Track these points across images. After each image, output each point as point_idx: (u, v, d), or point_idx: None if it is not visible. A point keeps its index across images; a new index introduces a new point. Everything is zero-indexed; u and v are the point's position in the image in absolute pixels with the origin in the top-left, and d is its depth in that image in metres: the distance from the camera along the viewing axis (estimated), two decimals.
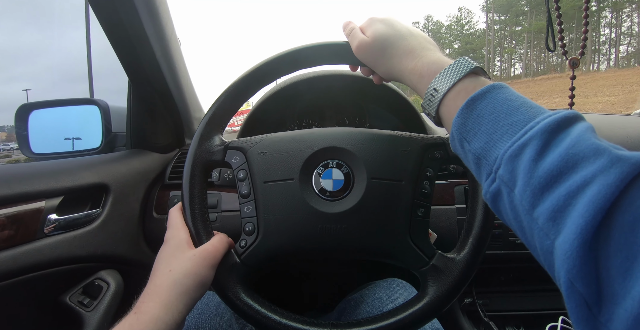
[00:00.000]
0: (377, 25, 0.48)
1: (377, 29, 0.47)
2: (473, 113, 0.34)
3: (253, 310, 0.47)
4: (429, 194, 0.49)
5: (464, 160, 0.38)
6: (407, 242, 0.47)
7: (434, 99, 0.39)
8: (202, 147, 0.51)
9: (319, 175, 0.49)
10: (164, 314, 0.40)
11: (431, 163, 0.50)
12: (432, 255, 0.48)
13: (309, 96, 0.96)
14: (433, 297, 0.46)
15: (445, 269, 0.47)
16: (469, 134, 0.34)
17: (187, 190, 0.50)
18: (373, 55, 0.47)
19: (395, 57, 0.45)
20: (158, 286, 0.43)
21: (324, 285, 1.20)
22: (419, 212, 0.48)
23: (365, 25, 0.50)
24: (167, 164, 0.94)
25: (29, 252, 0.61)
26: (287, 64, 0.54)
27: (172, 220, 0.50)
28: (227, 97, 0.53)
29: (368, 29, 0.48)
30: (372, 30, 0.47)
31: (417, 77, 0.42)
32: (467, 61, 0.39)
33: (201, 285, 0.45)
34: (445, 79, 0.38)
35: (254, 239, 0.49)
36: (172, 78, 0.89)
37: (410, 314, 0.46)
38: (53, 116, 1.00)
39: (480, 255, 0.47)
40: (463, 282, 0.47)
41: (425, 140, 0.50)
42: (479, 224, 0.47)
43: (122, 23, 0.73)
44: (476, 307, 0.88)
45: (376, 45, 0.46)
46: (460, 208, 0.84)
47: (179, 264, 0.44)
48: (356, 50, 0.49)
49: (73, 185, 0.70)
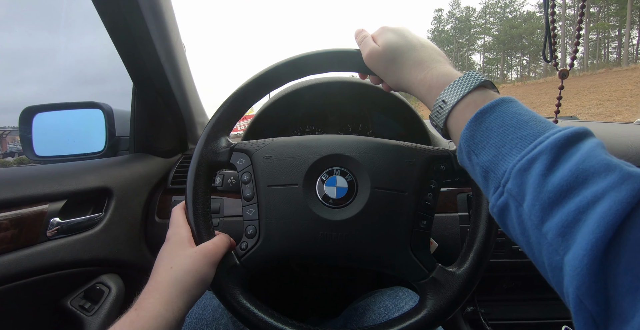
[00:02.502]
0: (388, 34, 0.48)
1: (389, 38, 0.48)
2: (482, 126, 0.34)
3: (250, 313, 0.47)
4: (432, 206, 0.49)
5: (470, 173, 0.38)
6: (407, 254, 0.47)
7: (442, 110, 0.39)
8: (208, 147, 0.52)
9: (323, 182, 0.49)
10: (165, 311, 0.40)
11: (436, 175, 0.50)
12: (432, 268, 0.47)
13: (312, 102, 0.96)
14: (431, 310, 0.46)
15: (445, 282, 0.46)
16: (477, 147, 0.34)
17: (191, 189, 0.50)
18: (383, 64, 0.48)
19: (404, 67, 0.45)
20: (159, 283, 0.43)
21: (327, 291, 1.19)
22: (421, 224, 0.48)
23: (376, 34, 0.50)
24: (169, 168, 0.94)
25: (31, 255, 0.61)
26: (297, 70, 0.54)
27: (175, 218, 0.51)
28: (235, 100, 0.54)
29: (379, 37, 0.49)
30: (384, 39, 0.48)
31: (426, 88, 0.42)
32: (476, 74, 0.39)
33: (202, 283, 0.45)
34: (455, 91, 0.38)
35: (254, 242, 0.49)
36: (176, 82, 0.90)
37: (406, 326, 0.46)
38: (57, 119, 1.00)
39: (481, 270, 0.47)
40: (462, 297, 0.46)
41: (430, 152, 0.50)
42: (481, 238, 0.47)
43: (127, 27, 0.74)
44: (478, 315, 0.87)
45: (387, 55, 0.47)
46: (463, 216, 0.83)
47: (179, 261, 0.45)
48: (367, 58, 0.49)
49: (76, 189, 0.70)
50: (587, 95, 23.99)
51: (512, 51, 60.16)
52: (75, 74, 5.33)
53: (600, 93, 23.89)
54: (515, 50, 59.50)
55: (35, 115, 0.96)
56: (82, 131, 1.02)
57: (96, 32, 0.76)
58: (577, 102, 23.62)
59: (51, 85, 5.71)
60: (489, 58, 63.11)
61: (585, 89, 24.96)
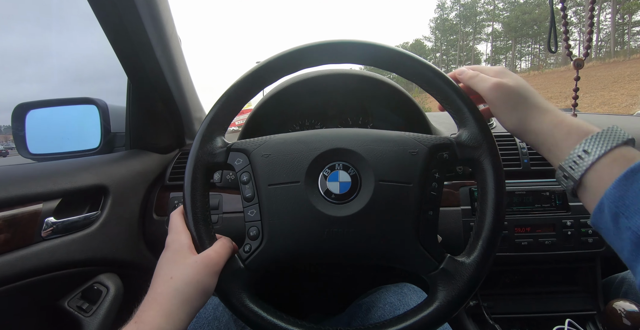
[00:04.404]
0: (514, 75, 0.47)
1: (517, 78, 0.47)
2: (634, 186, 0.32)
3: (258, 317, 0.46)
4: (437, 196, 0.48)
5: (610, 235, 0.35)
6: (416, 246, 0.46)
7: (581, 162, 0.36)
8: (203, 149, 0.50)
9: (325, 177, 0.48)
10: (166, 323, 0.39)
11: (439, 164, 0.48)
12: (441, 258, 0.47)
13: (311, 96, 0.95)
14: (443, 301, 0.45)
15: (455, 272, 0.46)
16: (629, 210, 0.32)
17: (189, 194, 0.49)
18: (511, 101, 0.46)
19: (536, 109, 0.44)
20: (159, 294, 0.41)
21: (330, 287, 1.19)
22: (427, 215, 0.47)
23: (497, 71, 0.49)
24: (167, 164, 0.92)
25: (26, 256, 0.60)
26: (291, 64, 0.53)
27: (174, 224, 0.49)
28: (229, 98, 0.52)
29: (505, 75, 0.47)
30: (513, 78, 0.47)
31: (564, 133, 0.40)
32: (621, 130, 0.36)
33: (203, 293, 0.43)
34: (600, 142, 0.36)
35: (258, 243, 0.47)
36: (172, 77, 0.88)
37: (419, 319, 0.45)
38: (51, 116, 0.98)
39: (490, 258, 0.46)
40: (474, 286, 0.45)
41: (433, 140, 0.49)
42: (489, 226, 0.46)
43: (122, 21, 0.72)
44: (481, 309, 0.87)
45: (518, 91, 0.45)
46: (466, 210, 0.83)
47: (180, 271, 0.43)
48: (492, 90, 0.46)
49: (71, 187, 0.68)
50: (631, 83, 21.02)
51: (523, 38, 58.45)
52: (74, 72, 5.25)
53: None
54: (526, 38, 57.79)
55: (29, 112, 0.94)
56: (76, 128, 1.01)
57: (93, 27, 0.74)
58: (621, 91, 20.09)
59: (49, 84, 5.68)
60: (497, 47, 61.38)
61: (626, 76, 22.18)
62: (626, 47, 43.21)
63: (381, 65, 0.53)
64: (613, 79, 22.17)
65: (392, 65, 0.52)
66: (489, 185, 0.47)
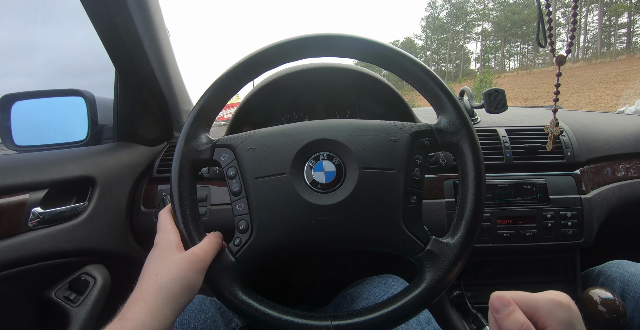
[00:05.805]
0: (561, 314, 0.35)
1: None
2: None
3: (252, 308, 0.47)
4: (420, 181, 0.50)
5: None
6: (401, 230, 0.48)
7: None
8: (189, 146, 0.50)
9: (311, 168, 0.49)
10: (150, 320, 0.39)
11: (420, 150, 0.50)
12: (427, 240, 0.48)
13: (299, 89, 0.95)
14: (430, 281, 0.47)
15: (441, 253, 0.47)
16: None
17: (176, 192, 0.49)
18: None
19: None
20: (144, 291, 0.42)
21: (316, 279, 1.20)
22: (411, 199, 0.49)
23: (545, 313, 0.35)
24: (155, 157, 0.92)
25: (12, 246, 0.60)
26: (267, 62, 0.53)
27: (162, 223, 0.49)
28: (212, 93, 0.52)
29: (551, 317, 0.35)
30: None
31: None
32: None
33: (189, 290, 0.44)
34: None
35: (248, 236, 0.48)
36: (160, 68, 0.87)
37: (409, 300, 0.46)
38: (37, 107, 0.97)
39: (474, 238, 0.48)
40: (459, 265, 0.47)
41: (413, 127, 0.51)
42: (471, 207, 0.48)
43: (109, 11, 0.71)
44: (464, 299, 0.89)
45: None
46: (450, 202, 0.85)
47: (165, 268, 0.43)
48: None
49: (58, 178, 0.68)
50: (616, 83, 21.00)
51: (512, 38, 59.04)
52: (61, 66, 5.13)
53: (633, 80, 20.36)
54: (516, 38, 58.34)
55: (14, 103, 0.93)
56: (63, 119, 1.00)
57: (80, 19, 0.74)
58: (607, 91, 19.78)
59: (38, 78, 5.53)
60: (487, 46, 61.95)
61: (612, 77, 22.20)
62: (612, 49, 43.68)
63: (360, 56, 0.54)
64: (599, 80, 22.38)
65: (370, 55, 0.54)
66: (469, 168, 0.49)
